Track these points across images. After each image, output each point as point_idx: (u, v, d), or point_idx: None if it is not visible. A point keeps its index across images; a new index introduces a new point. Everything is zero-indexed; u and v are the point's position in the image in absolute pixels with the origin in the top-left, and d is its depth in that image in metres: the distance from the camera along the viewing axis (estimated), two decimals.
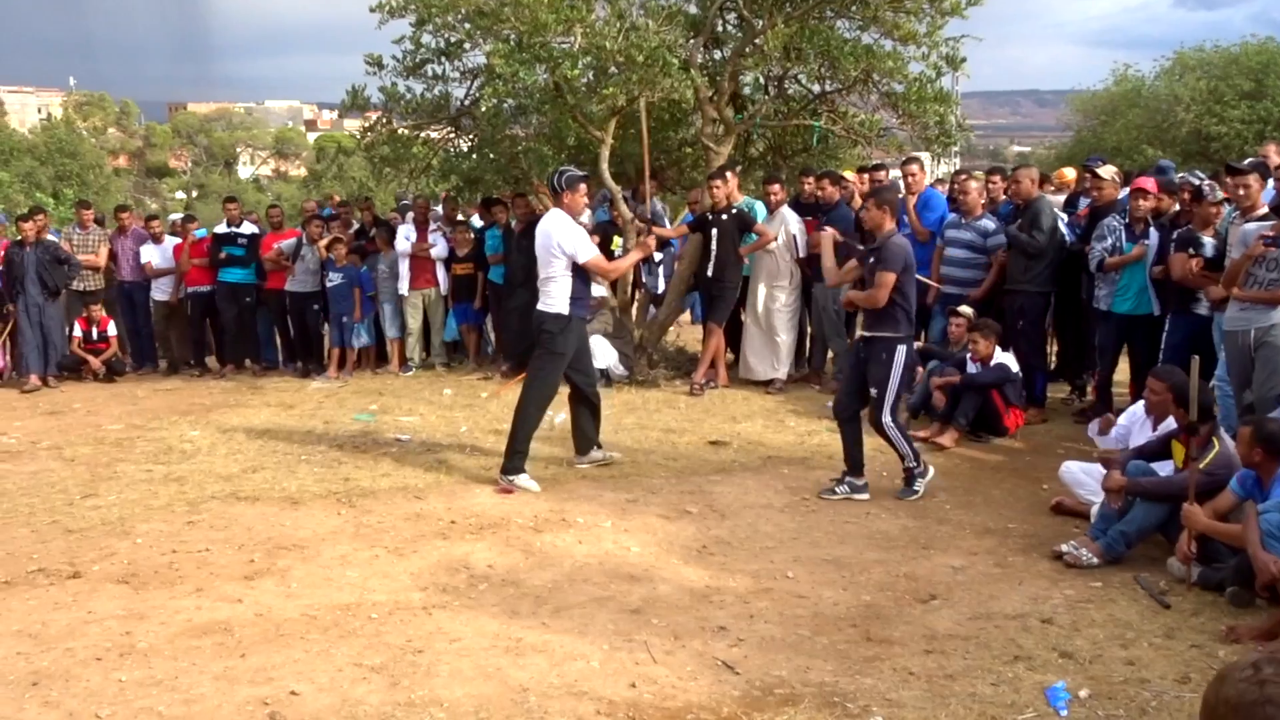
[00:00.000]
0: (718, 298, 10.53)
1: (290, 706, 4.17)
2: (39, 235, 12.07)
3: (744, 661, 4.53)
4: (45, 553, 6.07)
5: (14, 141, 41.30)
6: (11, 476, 7.89)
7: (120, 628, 4.96)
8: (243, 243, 12.42)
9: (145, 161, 76.11)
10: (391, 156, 12.00)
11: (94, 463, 8.26)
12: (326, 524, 6.53)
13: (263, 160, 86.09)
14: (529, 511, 6.66)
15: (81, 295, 12.59)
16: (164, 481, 7.66)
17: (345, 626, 4.95)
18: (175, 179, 75.09)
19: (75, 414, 10.41)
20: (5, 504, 7.13)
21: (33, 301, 11.80)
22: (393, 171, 12.42)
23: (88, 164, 41.61)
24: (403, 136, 11.96)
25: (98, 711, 4.14)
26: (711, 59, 11.87)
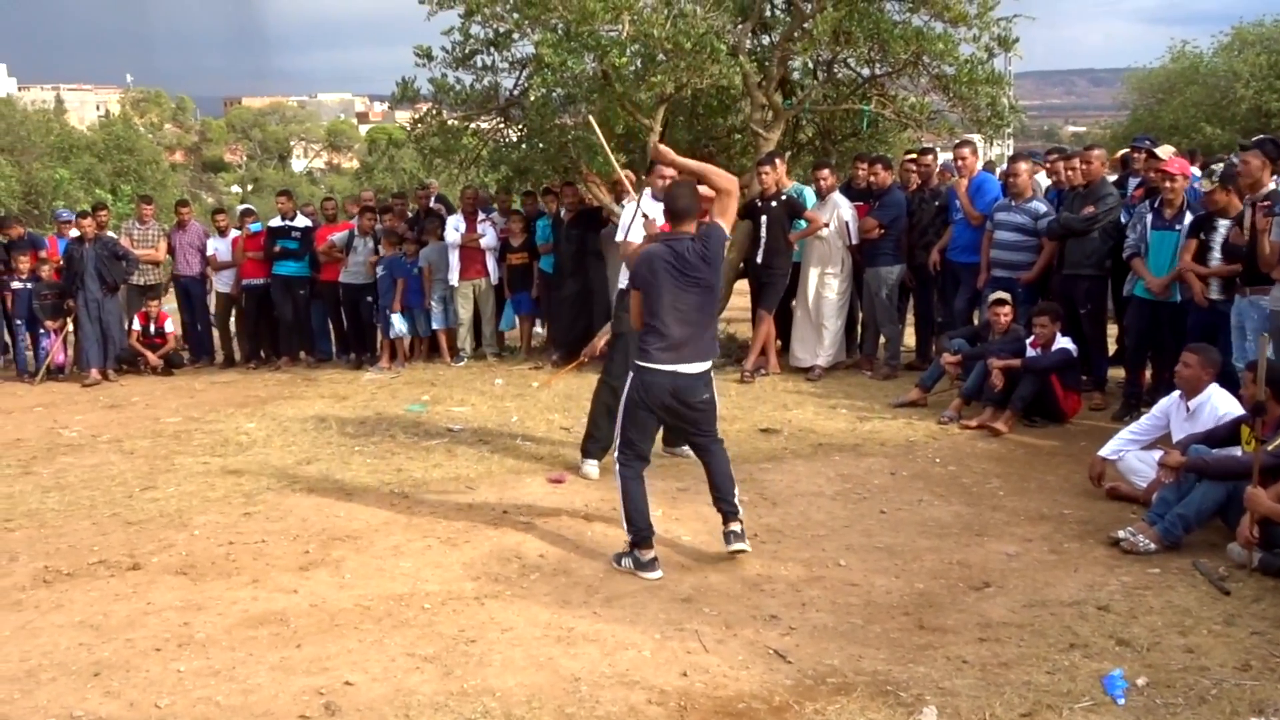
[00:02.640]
0: (767, 284, 10.48)
1: (345, 696, 4.21)
2: (98, 231, 12.26)
3: (796, 650, 4.51)
4: (105, 544, 6.17)
5: (73, 139, 41.95)
6: (73, 469, 8.03)
7: (179, 618, 5.03)
8: (296, 236, 12.54)
9: (201, 156, 77.11)
10: (441, 147, 12.04)
11: (153, 455, 8.39)
12: (379, 515, 6.58)
13: (315, 153, 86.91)
14: (580, 501, 6.68)
15: (140, 290, 12.78)
16: (221, 474, 7.76)
17: (398, 616, 4.99)
18: (231, 173, 76.01)
19: (134, 407, 10.57)
20: (67, 496, 7.26)
21: (92, 297, 11.99)
22: (443, 162, 12.46)
23: (145, 160, 42.16)
24: (452, 127, 12.00)
25: (157, 701, 4.21)
26: (760, 44, 11.81)
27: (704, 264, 5.38)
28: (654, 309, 5.38)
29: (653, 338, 5.40)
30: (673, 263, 5.36)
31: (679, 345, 5.38)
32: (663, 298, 5.35)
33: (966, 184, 9.90)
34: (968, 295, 9.90)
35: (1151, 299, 8.21)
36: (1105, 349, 9.41)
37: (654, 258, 5.40)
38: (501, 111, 11.90)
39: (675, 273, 5.36)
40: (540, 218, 12.14)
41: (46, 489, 7.50)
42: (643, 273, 5.44)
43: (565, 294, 11.67)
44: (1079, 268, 8.84)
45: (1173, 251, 8.05)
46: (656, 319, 5.38)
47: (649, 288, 5.40)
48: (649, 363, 5.41)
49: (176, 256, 13.03)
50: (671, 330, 5.37)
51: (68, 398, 11.21)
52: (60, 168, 34.42)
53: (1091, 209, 8.69)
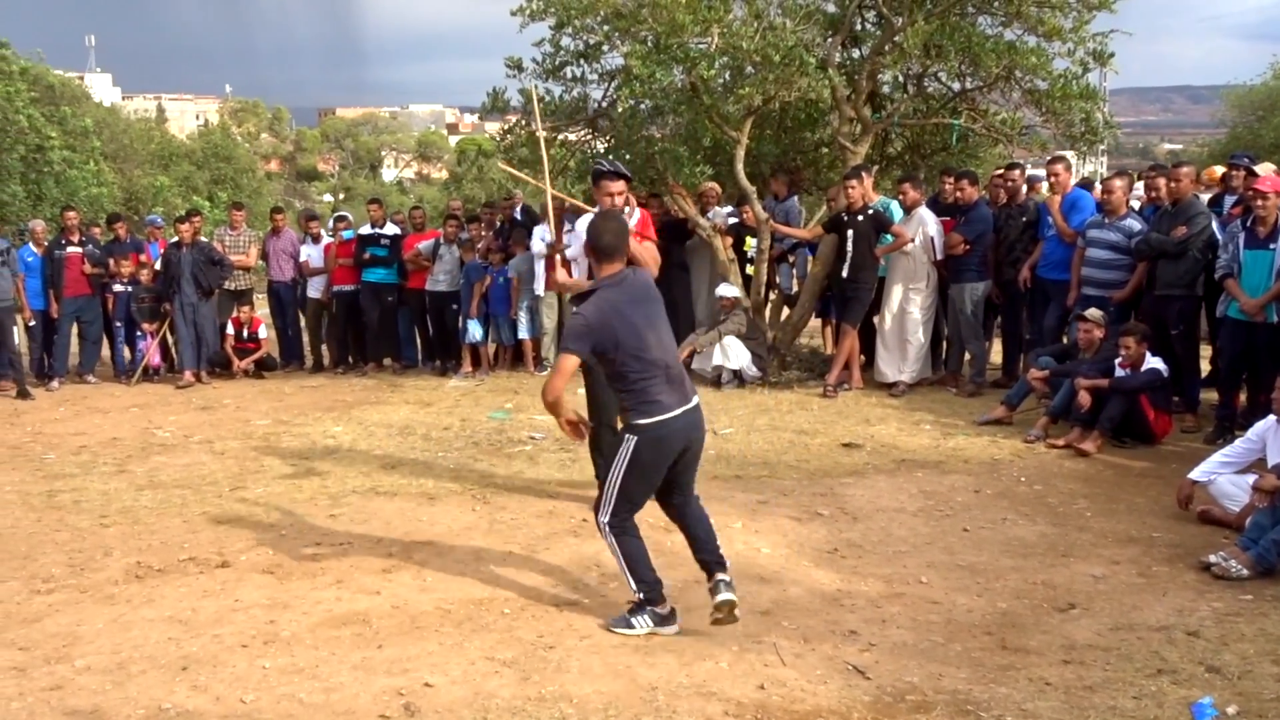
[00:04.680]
0: (852, 299, 10.41)
1: (424, 698, 4.26)
2: (195, 236, 12.58)
3: (875, 666, 4.47)
4: (196, 542, 6.32)
5: (173, 147, 43.12)
6: (166, 469, 8.24)
7: (265, 616, 5.13)
8: (385, 243, 12.75)
9: (295, 165, 78.74)
10: (530, 158, 12.15)
11: (243, 457, 8.57)
12: (461, 519, 6.65)
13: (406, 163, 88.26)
14: (659, 511, 6.66)
15: (233, 295, 13.08)
16: (307, 476, 7.91)
17: (478, 621, 5.04)
18: (323, 182, 77.49)
19: (226, 409, 10.82)
20: (160, 495, 7.45)
21: (188, 300, 12.30)
22: (531, 172, 12.57)
23: (242, 168, 43.18)
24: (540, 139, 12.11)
25: (243, 696, 4.30)
26: (849, 57, 11.76)
27: (657, 299, 4.94)
28: (640, 351, 4.71)
29: (652, 384, 4.73)
30: (634, 298, 4.80)
31: (678, 379, 4.84)
32: (644, 336, 4.73)
33: (1060, 200, 9.74)
34: (1057, 313, 9.74)
35: (1246, 320, 8.00)
36: (1198, 370, 9.19)
37: (611, 304, 4.72)
38: (590, 122, 11.98)
39: (641, 306, 4.80)
40: None
41: (140, 487, 7.70)
42: (607, 323, 4.68)
43: None
44: (1171, 288, 8.65)
45: (1267, 271, 7.83)
46: (646, 360, 4.72)
47: (619, 335, 4.68)
48: (661, 414, 4.74)
49: (270, 262, 13.32)
50: (667, 368, 4.79)
51: (162, 399, 11.50)
52: (160, 175, 35.36)
53: (1183, 230, 8.50)
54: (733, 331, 10.77)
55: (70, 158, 25.96)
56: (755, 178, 11.42)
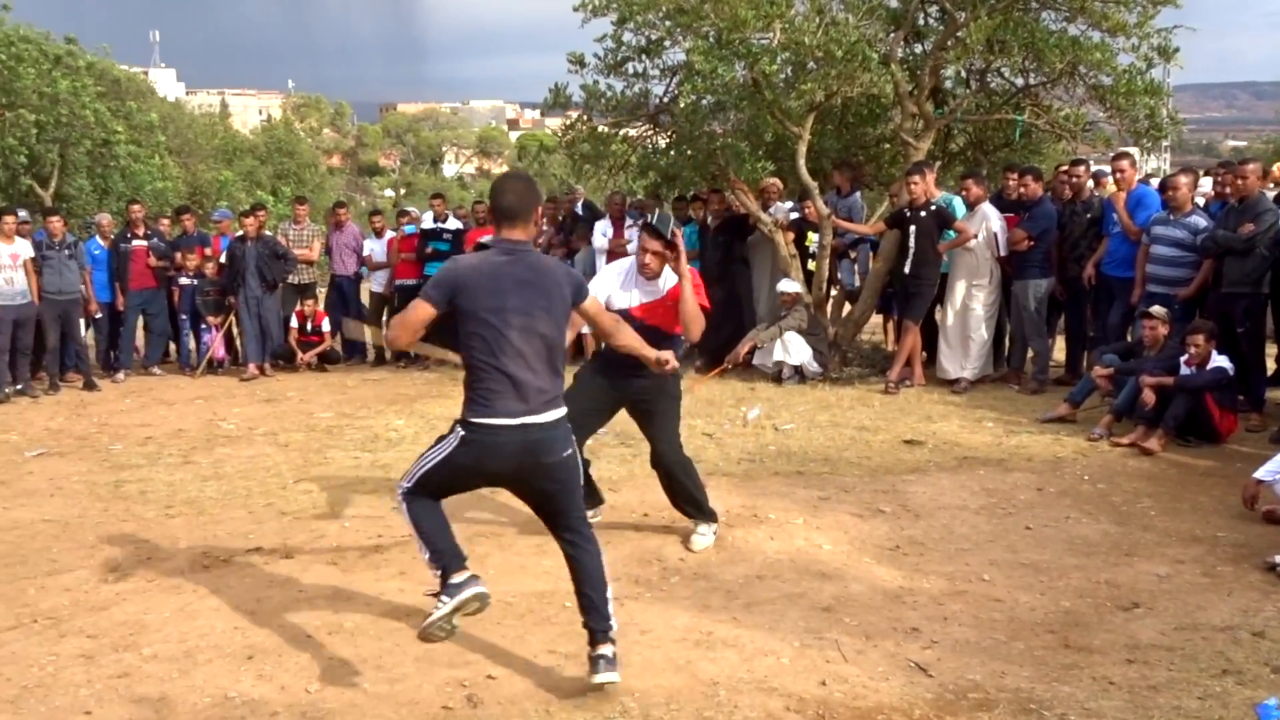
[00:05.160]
0: (914, 295, 10.33)
1: (487, 689, 4.29)
2: (259, 230, 12.75)
3: (937, 664, 4.45)
4: (261, 533, 6.41)
5: (237, 142, 43.76)
6: (231, 460, 8.36)
7: (329, 607, 5.20)
8: (447, 237, 12.84)
9: (357, 160, 79.50)
10: (591, 154, 12.18)
11: (306, 449, 8.68)
12: (523, 513, 6.63)
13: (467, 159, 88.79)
14: (720, 507, 6.66)
15: (296, 289, 13.24)
16: (370, 468, 7.99)
17: (540, 614, 5.07)
18: (385, 177, 78.18)
19: (289, 402, 10.96)
20: (224, 486, 7.57)
21: (252, 294, 12.47)
22: (592, 168, 12.60)
23: (304, 163, 43.73)
24: (602, 134, 12.13)
25: (308, 686, 4.36)
26: (912, 53, 11.67)
27: (560, 285, 4.17)
28: (494, 331, 4.02)
29: (493, 378, 4.04)
30: (523, 276, 4.08)
31: (532, 388, 4.07)
32: (508, 317, 4.02)
33: (1125, 197, 9.60)
34: (1122, 310, 9.61)
35: None
36: (1264, 368, 9.03)
37: (490, 264, 4.10)
38: (651, 118, 11.98)
39: (526, 287, 4.07)
40: (687, 224, 12.20)
41: (205, 478, 7.83)
42: (471, 280, 4.06)
43: (711, 300, 11.67)
44: (1237, 286, 8.50)
45: None
46: (497, 345, 4.02)
47: (479, 300, 4.02)
48: (488, 417, 4.06)
49: (333, 256, 13.47)
50: (520, 369, 4.04)
51: (226, 391, 11.68)
52: (224, 169, 35.87)
53: (1250, 227, 8.35)
54: (794, 327, 10.73)
55: (136, 152, 26.38)
56: (817, 173, 11.36)
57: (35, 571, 5.81)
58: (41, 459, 8.54)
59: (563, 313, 4.18)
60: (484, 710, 4.13)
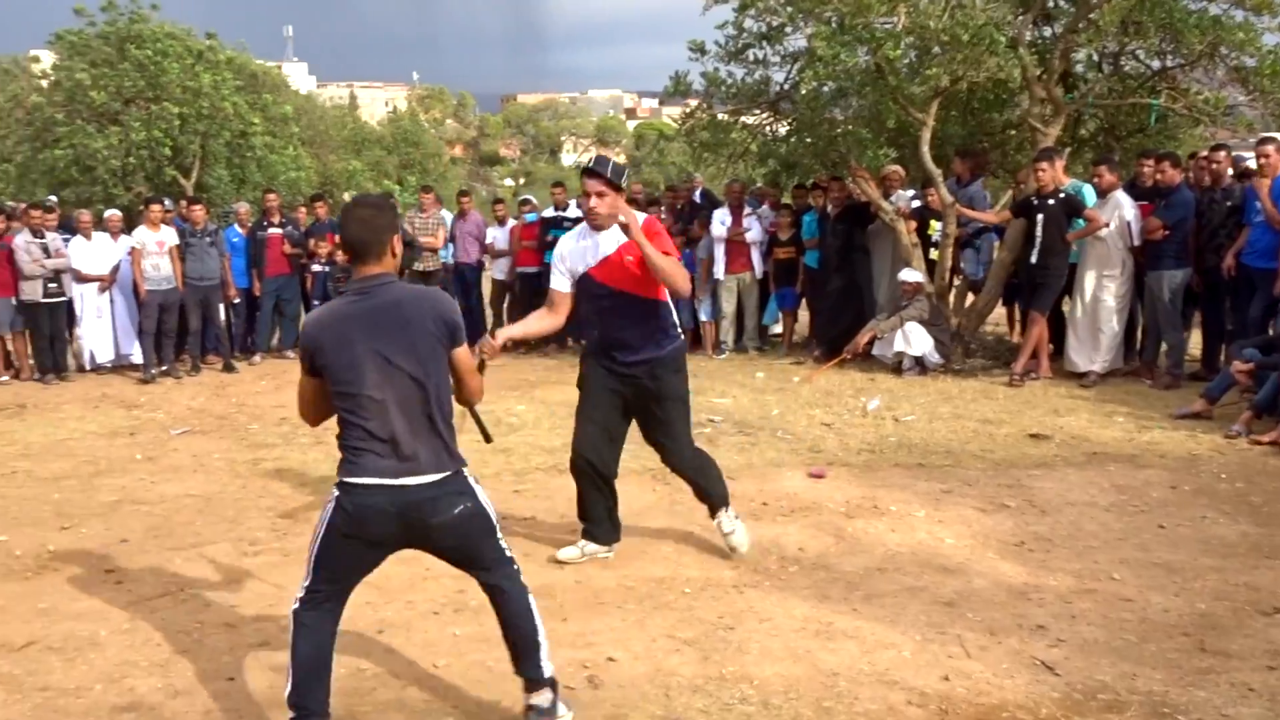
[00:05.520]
0: (1042, 285, 10.10)
1: (607, 671, 4.34)
2: None
3: (1064, 663, 4.35)
4: None
5: (366, 133, 44.76)
6: None
7: (454, 585, 5.29)
8: (568, 225, 12.92)
9: (479, 151, 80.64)
10: (711, 141, 12.18)
11: None
12: (642, 499, 6.74)
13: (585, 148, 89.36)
14: (840, 497, 6.64)
15: (421, 276, 13.49)
16: (493, 452, 8.08)
17: (659, 599, 5.10)
18: (505, 167, 79.18)
19: None
20: None
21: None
22: (711, 156, 12.60)
23: (429, 153, 44.55)
24: (722, 122, 12.12)
25: (435, 661, 4.46)
26: (1041, 36, 11.41)
27: (424, 319, 3.63)
28: (351, 386, 3.57)
29: (357, 435, 3.61)
30: (375, 320, 3.59)
31: (403, 445, 3.60)
32: (362, 368, 3.56)
33: (1270, 184, 9.23)
34: (1264, 303, 9.24)
35: None
36: None
37: (337, 316, 3.63)
38: (771, 105, 11.93)
39: (379, 333, 3.58)
40: (807, 212, 12.11)
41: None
42: (319, 338, 3.61)
43: (830, 289, 11.62)
44: None
45: None
46: (357, 399, 3.57)
47: (330, 357, 3.58)
48: (357, 476, 3.61)
49: (457, 244, 13.71)
50: (386, 424, 3.58)
51: None
52: (353, 159, 36.71)
53: None
54: (915, 317, 10.59)
55: (271, 143, 27.18)
56: (940, 160, 11.18)
57: (181, 543, 6.06)
58: (185, 437, 8.89)
59: (433, 351, 3.61)
60: (604, 692, 4.17)
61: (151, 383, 11.55)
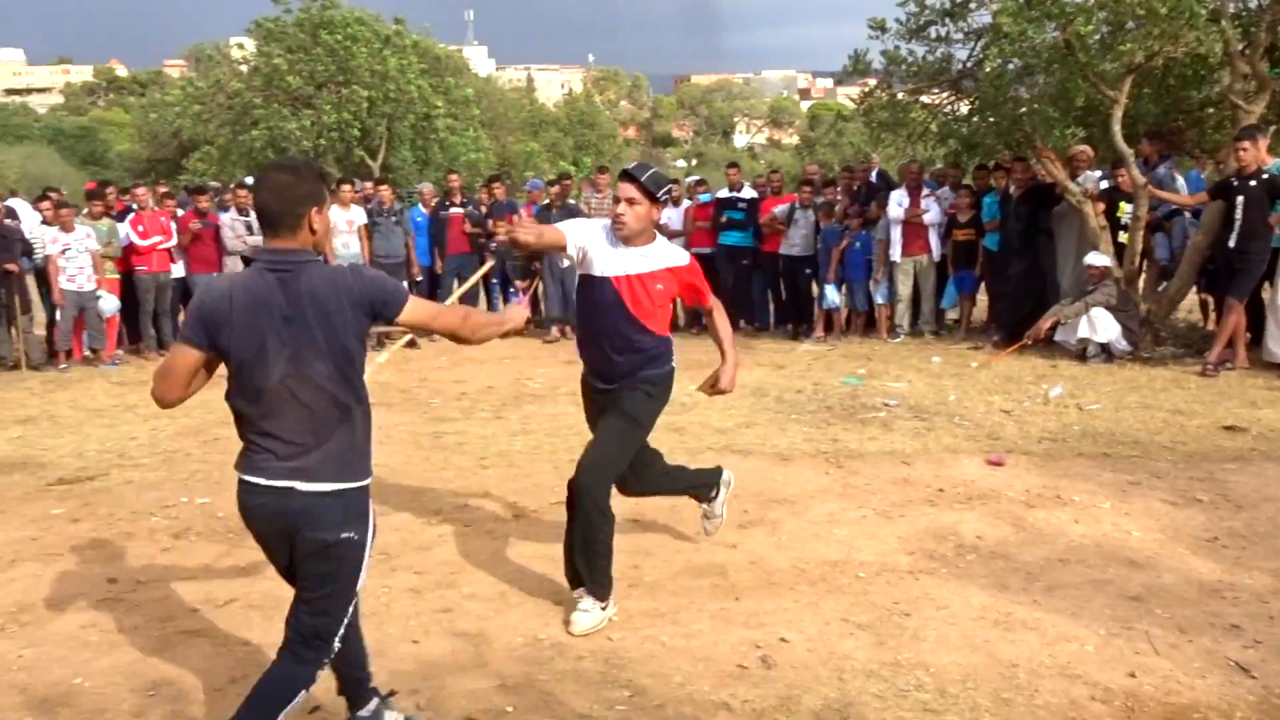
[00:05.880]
0: (1240, 271, 9.60)
1: (780, 652, 4.34)
2: (564, 199, 13.24)
3: (1261, 665, 4.16)
4: (564, 487, 6.66)
5: (542, 115, 45.50)
6: (536, 417, 8.76)
7: (629, 561, 5.38)
8: (742, 206, 12.94)
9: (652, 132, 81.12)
10: (890, 121, 11.98)
11: None
12: (815, 481, 6.70)
13: (758, 129, 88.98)
14: (1020, 485, 6.47)
15: None
16: (665, 430, 8.15)
17: (833, 582, 5.07)
18: (677, 148, 79.46)
19: None
20: (531, 441, 7.93)
21: (556, 261, 12.97)
22: (890, 136, 12.40)
23: (604, 134, 45.03)
24: (901, 101, 11.91)
25: (609, 634, 4.54)
26: (1245, 8, 10.80)
27: (343, 309, 3.20)
28: (252, 373, 3.19)
29: (250, 429, 3.27)
30: (282, 306, 3.17)
31: (297, 446, 3.23)
32: (268, 356, 3.17)
33: None
34: None
35: None
36: None
37: (244, 288, 3.20)
38: (953, 84, 11.66)
39: (293, 318, 3.17)
40: (988, 193, 11.80)
41: (514, 433, 8.23)
42: (222, 311, 3.18)
43: (1012, 273, 11.31)
44: None
45: None
46: (256, 388, 3.20)
47: (233, 337, 3.17)
48: (244, 472, 3.29)
49: None
50: (285, 424, 3.21)
51: (531, 352, 12.22)
52: (530, 141, 37.38)
53: None
54: (1101, 303, 10.22)
55: (453, 125, 27.92)
56: (1132, 140, 10.72)
57: None
58: (376, 409, 9.20)
59: (349, 349, 3.22)
60: (777, 672, 4.18)
61: None
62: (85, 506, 6.45)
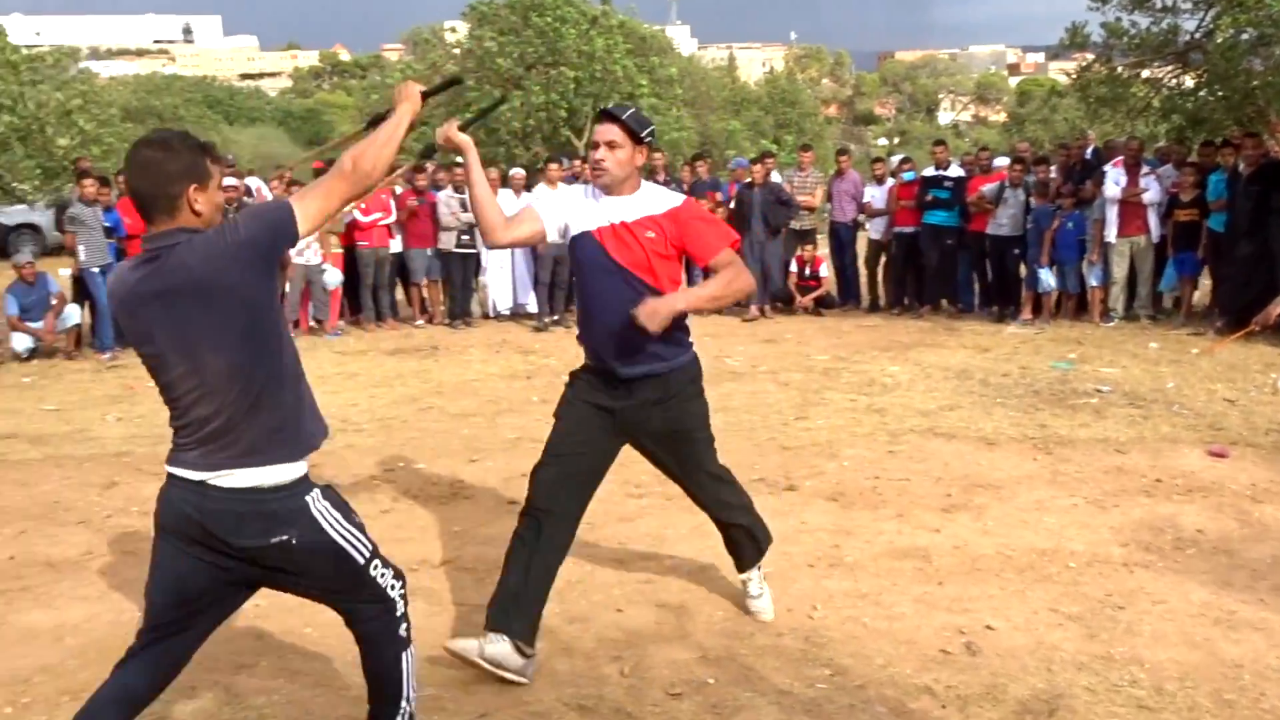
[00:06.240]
0: None
1: (985, 639, 4.26)
2: (766, 177, 13.19)
3: None
4: (764, 465, 6.71)
5: (744, 94, 45.41)
6: (735, 395, 8.79)
7: (829, 540, 5.36)
8: (948, 185, 12.63)
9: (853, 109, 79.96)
10: (1108, 96, 11.52)
11: (804, 388, 8.95)
12: (1022, 467, 6.53)
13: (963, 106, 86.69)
14: (1245, 479, 6.15)
15: (798, 234, 13.59)
16: (866, 411, 8.11)
17: (1041, 570, 4.94)
18: (879, 126, 78.14)
19: (787, 343, 11.32)
20: (730, 418, 7.96)
21: (757, 239, 12.93)
22: (1109, 112, 11.91)
23: (805, 112, 44.60)
24: (1121, 75, 11.42)
25: (810, 612, 4.54)
26: None
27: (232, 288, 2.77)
28: (155, 370, 2.89)
29: (174, 418, 2.90)
30: (157, 292, 2.78)
31: (210, 434, 2.84)
32: (161, 349, 2.84)
33: None
34: None
35: None
36: None
37: (123, 283, 2.87)
38: (1179, 56, 11.13)
39: (174, 305, 2.78)
40: (1214, 172, 11.19)
41: (714, 410, 8.10)
42: (124, 323, 2.93)
43: (1239, 255, 10.70)
44: None
45: None
46: (163, 383, 2.89)
47: (141, 347, 2.88)
48: (168, 462, 2.92)
49: (834, 203, 13.69)
50: (195, 409, 2.84)
51: (730, 330, 12.24)
52: (732, 120, 37.37)
53: None
54: None
55: (657, 105, 28.16)
56: None
57: None
58: None
59: (248, 323, 2.80)
60: (982, 660, 4.10)
61: (545, 331, 12.35)
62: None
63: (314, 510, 2.96)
